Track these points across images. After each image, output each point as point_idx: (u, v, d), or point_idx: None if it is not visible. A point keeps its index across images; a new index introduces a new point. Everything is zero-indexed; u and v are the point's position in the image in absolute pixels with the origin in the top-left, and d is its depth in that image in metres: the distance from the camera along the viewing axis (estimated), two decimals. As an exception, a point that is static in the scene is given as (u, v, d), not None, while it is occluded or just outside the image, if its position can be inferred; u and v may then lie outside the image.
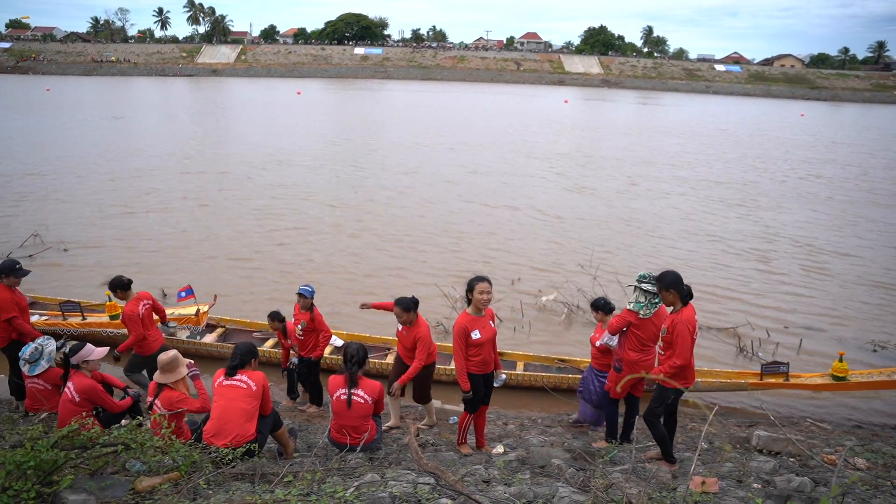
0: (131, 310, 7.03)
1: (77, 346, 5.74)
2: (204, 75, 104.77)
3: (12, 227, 15.57)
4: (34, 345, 6.26)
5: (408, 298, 6.28)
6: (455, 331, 5.50)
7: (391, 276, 12.83)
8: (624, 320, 5.93)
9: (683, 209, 19.49)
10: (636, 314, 5.86)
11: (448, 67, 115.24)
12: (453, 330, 5.53)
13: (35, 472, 3.15)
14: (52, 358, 6.36)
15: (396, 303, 6.26)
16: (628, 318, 5.90)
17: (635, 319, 5.87)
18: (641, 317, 5.85)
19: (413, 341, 6.23)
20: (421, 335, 6.20)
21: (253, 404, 4.90)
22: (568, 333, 10.59)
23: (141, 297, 7.22)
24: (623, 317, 5.95)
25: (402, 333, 6.38)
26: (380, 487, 3.81)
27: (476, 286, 5.47)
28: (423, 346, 6.15)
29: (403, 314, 6.22)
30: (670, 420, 5.89)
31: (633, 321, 5.88)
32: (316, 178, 22.90)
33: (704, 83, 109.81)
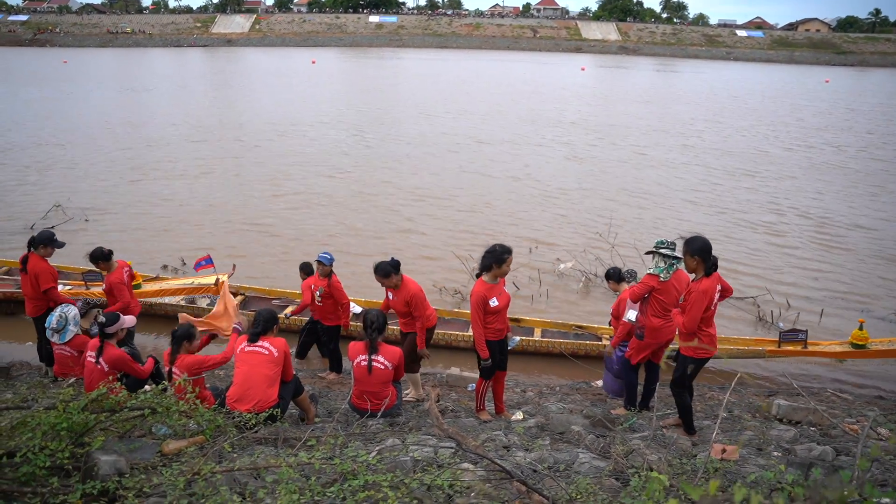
0: (118, 278, 7.28)
1: (112, 316, 5.79)
2: (219, 45, 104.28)
3: (35, 197, 15.73)
4: (58, 313, 6.35)
5: (385, 262, 6.21)
6: (474, 300, 5.49)
7: (403, 244, 12.85)
8: (646, 286, 5.88)
9: (698, 180, 19.24)
10: (657, 278, 5.81)
11: (464, 35, 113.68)
12: (471, 299, 5.52)
13: (68, 433, 3.22)
14: (78, 322, 6.46)
15: (374, 270, 6.23)
16: (650, 283, 5.85)
17: (657, 284, 5.82)
18: (662, 280, 5.80)
19: (405, 304, 6.20)
20: (412, 294, 6.16)
21: (275, 370, 4.97)
22: (586, 302, 10.57)
23: (122, 265, 7.46)
24: (644, 282, 5.91)
25: (394, 300, 6.35)
26: (401, 451, 3.86)
27: (507, 258, 5.48)
28: (418, 305, 6.11)
29: (384, 280, 6.20)
30: (688, 390, 5.89)
31: (654, 285, 5.83)
32: (331, 147, 22.86)
33: (725, 49, 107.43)
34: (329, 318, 7.55)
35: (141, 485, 3.07)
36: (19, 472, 2.94)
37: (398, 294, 6.27)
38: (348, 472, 3.24)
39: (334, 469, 3.28)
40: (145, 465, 3.42)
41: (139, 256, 11.55)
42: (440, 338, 8.60)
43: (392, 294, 6.34)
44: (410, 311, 6.30)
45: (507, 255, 5.47)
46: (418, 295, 6.18)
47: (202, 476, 3.18)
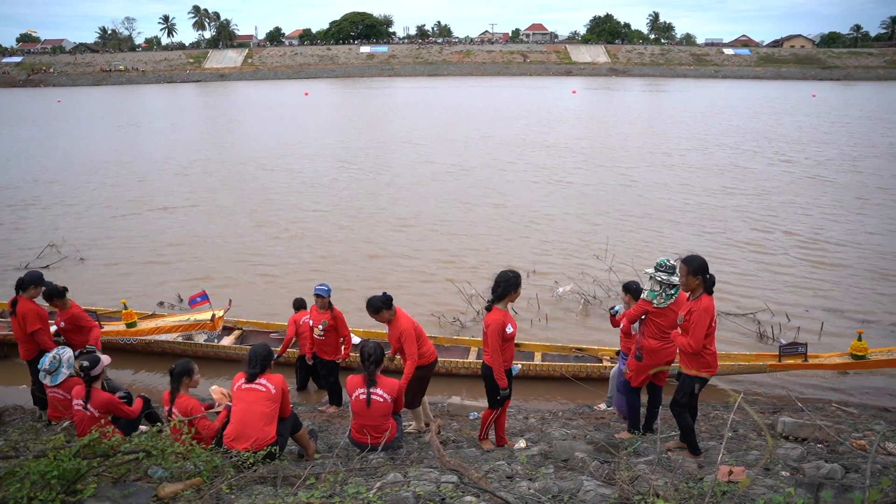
0: (77, 310, 7.36)
1: (94, 360, 5.64)
2: (211, 80, 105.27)
3: (29, 237, 15.71)
4: (51, 355, 6.24)
5: (375, 298, 6.07)
6: (494, 328, 5.36)
7: (401, 273, 12.81)
8: (640, 309, 5.85)
9: (688, 199, 19.30)
10: (650, 303, 5.76)
11: (454, 62, 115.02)
12: (491, 327, 5.39)
13: (59, 481, 3.14)
14: (72, 365, 6.34)
15: (366, 306, 6.12)
16: (644, 307, 5.82)
17: (650, 308, 5.78)
18: (655, 306, 5.74)
19: (397, 340, 6.10)
20: (402, 330, 6.04)
21: (273, 407, 4.88)
22: (585, 324, 10.51)
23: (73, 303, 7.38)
24: (639, 306, 5.88)
25: (389, 335, 6.26)
26: (403, 487, 3.77)
27: (520, 283, 5.47)
28: (408, 341, 5.98)
29: (375, 315, 6.09)
30: (691, 410, 5.82)
31: (648, 310, 5.80)
32: (327, 179, 22.93)
33: (713, 68, 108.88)
34: (328, 352, 7.46)
35: (135, 532, 2.98)
36: (8, 524, 2.86)
37: (392, 329, 6.17)
38: (348, 511, 3.16)
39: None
40: (140, 510, 3.33)
41: (135, 294, 11.50)
42: (440, 365, 8.52)
43: (389, 329, 6.25)
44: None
45: (520, 279, 5.46)
46: (408, 331, 6.02)
47: (198, 521, 3.10)
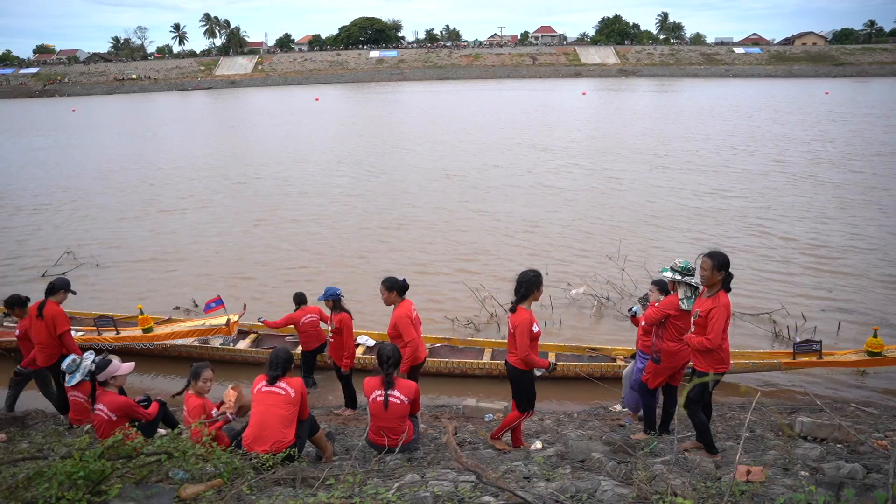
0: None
1: (103, 363, 5.64)
2: (222, 87, 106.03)
3: (47, 244, 15.90)
4: (73, 357, 6.34)
5: (393, 277, 6.41)
6: (524, 326, 5.44)
7: (413, 274, 12.84)
8: (661, 312, 5.86)
9: (700, 200, 19.22)
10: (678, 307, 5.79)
11: (464, 66, 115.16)
12: (519, 328, 5.46)
13: (85, 482, 3.19)
14: (86, 372, 6.44)
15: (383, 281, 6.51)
16: (665, 311, 5.84)
17: (675, 311, 5.80)
18: (684, 309, 5.77)
19: (394, 327, 6.34)
20: (398, 317, 6.30)
21: (291, 410, 4.92)
22: (599, 326, 10.50)
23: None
24: (660, 309, 5.88)
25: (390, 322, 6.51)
26: (421, 487, 3.80)
27: (541, 283, 5.57)
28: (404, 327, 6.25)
29: (386, 294, 6.43)
30: (705, 409, 5.82)
31: (672, 313, 5.81)
32: (341, 182, 23.02)
33: (724, 67, 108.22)
34: (337, 357, 7.40)
35: (159, 532, 3.03)
36: (37, 524, 2.92)
37: (392, 315, 6.40)
38: (368, 510, 3.19)
39: (354, 508, 3.24)
40: (163, 511, 3.38)
41: (150, 299, 11.60)
42: (455, 366, 8.58)
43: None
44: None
45: (541, 278, 5.58)
46: (402, 318, 6.26)
47: (221, 521, 3.14)
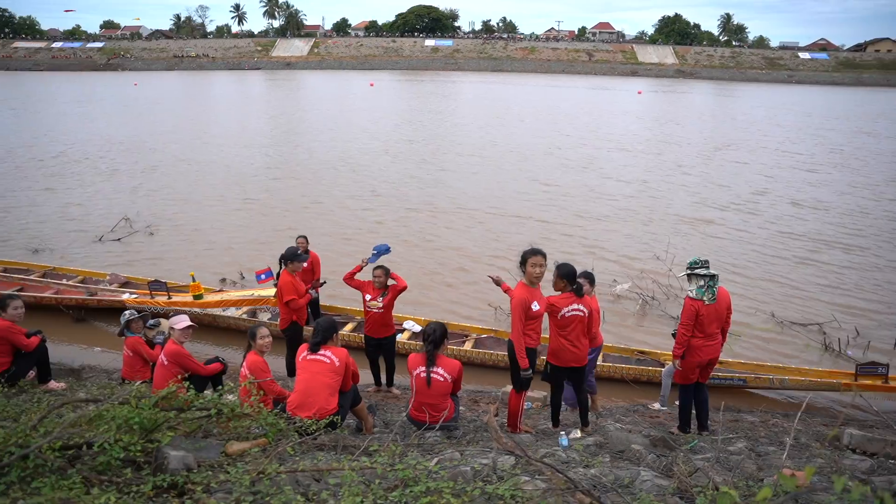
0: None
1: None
2: (278, 68, 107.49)
3: (108, 210, 16.44)
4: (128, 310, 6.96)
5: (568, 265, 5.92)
6: (515, 303, 5.38)
7: (456, 263, 12.87)
8: (692, 311, 5.81)
9: (754, 202, 18.73)
10: (701, 301, 5.78)
11: (518, 59, 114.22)
12: (512, 303, 5.42)
13: (140, 428, 3.32)
14: (123, 324, 7.00)
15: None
16: (695, 307, 5.80)
17: (702, 306, 5.77)
18: (707, 303, 5.76)
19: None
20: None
21: (336, 379, 5.02)
22: (642, 324, 10.37)
23: None
24: (689, 308, 5.83)
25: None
26: (461, 462, 3.83)
27: (529, 259, 5.40)
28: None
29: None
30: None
31: (699, 309, 5.78)
32: (393, 168, 23.18)
33: (787, 72, 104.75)
34: (384, 330, 7.36)
35: (208, 480, 3.13)
36: (97, 461, 3.04)
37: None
38: (410, 478, 3.24)
39: (396, 475, 3.28)
40: (211, 463, 3.48)
41: (199, 270, 11.88)
42: (499, 359, 8.57)
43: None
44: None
45: (530, 255, 5.41)
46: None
47: (267, 476, 3.22)
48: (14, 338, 6.55)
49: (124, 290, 10.62)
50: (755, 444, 5.89)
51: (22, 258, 12.38)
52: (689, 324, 5.84)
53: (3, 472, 2.82)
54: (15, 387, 6.23)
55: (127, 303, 9.75)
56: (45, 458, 2.91)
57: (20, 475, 2.82)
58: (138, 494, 2.87)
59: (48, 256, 12.86)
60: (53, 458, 2.95)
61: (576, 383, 5.98)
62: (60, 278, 11.20)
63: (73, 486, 2.74)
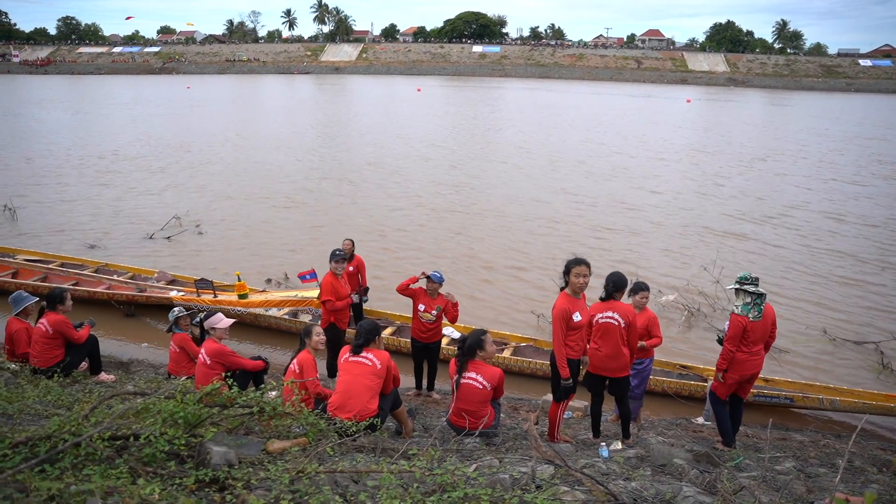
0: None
1: (211, 313, 6.38)
2: (326, 73, 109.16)
3: (160, 208, 16.93)
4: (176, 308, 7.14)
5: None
6: (556, 313, 5.32)
7: (503, 272, 12.83)
8: (738, 327, 5.76)
9: (804, 215, 18.16)
10: (746, 317, 5.74)
11: (566, 66, 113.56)
12: (553, 313, 5.36)
13: (184, 422, 3.39)
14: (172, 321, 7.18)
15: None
16: (741, 323, 5.75)
17: (747, 322, 5.73)
18: (752, 319, 5.72)
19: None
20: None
21: (377, 382, 5.04)
22: (687, 337, 10.15)
23: None
24: (736, 324, 5.79)
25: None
26: (499, 470, 3.80)
27: (573, 269, 5.32)
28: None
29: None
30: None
31: (746, 325, 5.74)
32: (437, 171, 23.27)
33: (845, 80, 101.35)
34: (432, 335, 7.46)
35: (248, 477, 3.17)
36: (143, 452, 3.11)
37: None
38: (448, 483, 3.22)
39: (434, 480, 3.27)
40: (251, 460, 3.53)
41: (245, 270, 12.10)
42: (537, 367, 8.50)
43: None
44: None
45: (574, 265, 5.33)
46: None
47: (306, 475, 3.25)
48: (67, 331, 6.80)
49: (172, 288, 10.90)
50: (805, 465, 5.69)
51: (77, 253, 12.83)
52: (734, 339, 5.79)
53: (57, 458, 2.91)
54: (69, 377, 6.45)
55: (174, 300, 9.99)
56: (95, 447, 3.00)
57: (72, 462, 2.91)
58: (181, 487, 2.93)
59: (101, 252, 13.29)
60: (103, 447, 3.03)
61: (615, 394, 5.91)
62: (112, 274, 11.55)
63: (120, 475, 2.81)
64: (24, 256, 12.19)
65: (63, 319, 6.82)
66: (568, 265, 5.41)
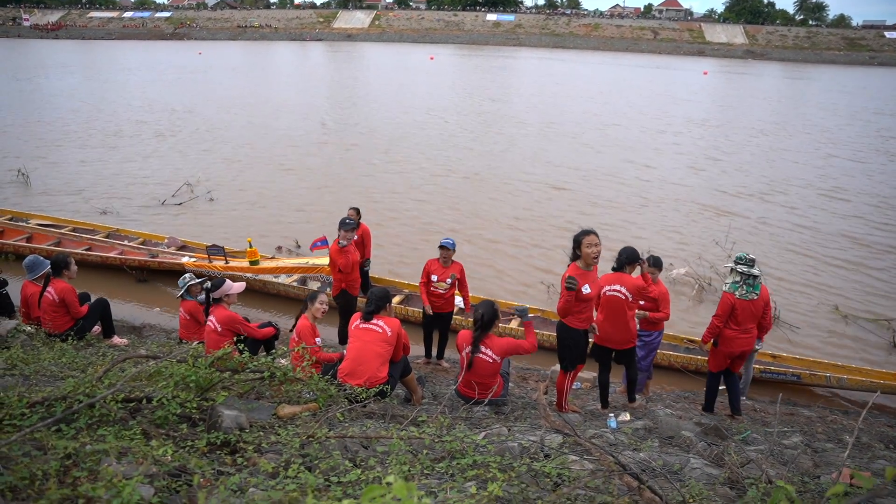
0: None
1: (218, 282, 6.33)
2: (339, 40, 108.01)
3: (171, 174, 16.95)
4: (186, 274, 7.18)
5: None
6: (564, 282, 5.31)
7: (513, 241, 12.80)
8: (727, 304, 5.97)
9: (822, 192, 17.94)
10: (733, 295, 5.93)
11: (581, 35, 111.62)
12: (562, 282, 5.34)
13: (196, 386, 3.42)
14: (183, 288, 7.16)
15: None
16: (729, 301, 5.95)
17: (734, 300, 5.92)
18: (738, 297, 5.90)
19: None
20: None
21: (387, 349, 5.06)
22: (697, 310, 10.12)
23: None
24: (724, 301, 6.00)
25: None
26: (508, 438, 3.83)
27: (583, 239, 5.28)
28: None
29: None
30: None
31: (733, 302, 5.92)
32: (445, 139, 23.12)
33: (868, 54, 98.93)
34: (445, 305, 7.45)
35: (259, 441, 3.21)
36: (155, 415, 3.16)
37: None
38: (457, 450, 3.25)
39: (443, 446, 3.30)
40: (262, 424, 3.57)
41: (256, 237, 12.14)
42: (543, 339, 8.50)
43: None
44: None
45: (584, 235, 5.30)
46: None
47: (316, 439, 3.28)
48: (70, 302, 6.83)
49: (184, 254, 10.96)
50: (812, 440, 5.71)
51: (89, 219, 12.89)
52: (722, 315, 6.01)
53: (73, 418, 2.96)
54: (83, 340, 6.53)
55: (186, 266, 10.05)
56: (109, 409, 3.04)
57: (87, 422, 2.96)
58: (193, 449, 2.97)
59: (114, 218, 13.35)
60: (116, 409, 3.07)
61: (622, 363, 6.08)
62: (123, 239, 11.62)
63: (133, 436, 2.85)
64: (38, 221, 12.28)
65: (69, 288, 6.83)
66: (577, 238, 5.38)
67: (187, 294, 7.19)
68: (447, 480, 2.98)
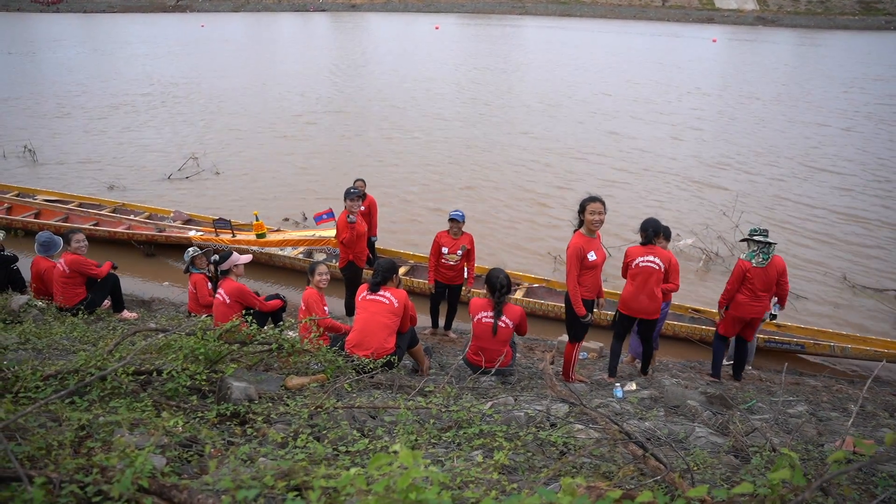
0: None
1: (225, 254, 6.39)
2: (342, 10, 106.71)
3: (177, 148, 16.93)
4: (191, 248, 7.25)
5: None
6: (570, 252, 5.37)
7: (520, 210, 12.77)
8: (740, 271, 6.19)
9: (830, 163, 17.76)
10: (749, 263, 6.13)
11: (588, 3, 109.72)
12: (567, 252, 5.41)
13: (205, 358, 3.46)
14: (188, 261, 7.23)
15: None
16: (742, 267, 6.17)
17: (749, 267, 6.11)
18: (755, 265, 6.09)
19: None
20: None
21: (394, 320, 5.10)
22: (704, 281, 10.11)
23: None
24: (738, 269, 6.22)
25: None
26: (514, 407, 3.87)
27: (588, 206, 5.35)
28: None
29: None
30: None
31: (747, 269, 6.13)
32: (462, 113, 22.96)
33: (885, 18, 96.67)
34: (455, 277, 7.46)
35: (268, 411, 3.25)
36: (166, 387, 3.20)
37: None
38: (464, 420, 3.29)
39: (450, 416, 3.34)
40: (271, 395, 3.62)
41: (262, 209, 12.15)
42: (549, 309, 8.53)
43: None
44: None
45: (588, 202, 5.35)
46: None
47: (324, 410, 3.33)
48: (84, 269, 6.89)
49: (191, 227, 10.99)
50: (816, 409, 5.74)
51: (97, 194, 12.92)
52: (735, 281, 6.25)
53: (85, 391, 3.01)
54: (93, 315, 6.60)
55: (194, 240, 10.10)
56: (120, 381, 3.08)
57: (99, 395, 3.01)
58: (203, 420, 3.01)
59: (120, 193, 13.36)
60: (127, 381, 3.11)
61: (644, 335, 6.16)
62: (129, 214, 11.65)
63: (145, 408, 2.89)
64: (45, 197, 12.31)
65: (79, 258, 6.90)
66: (582, 204, 5.43)
67: (193, 267, 7.23)
68: (454, 449, 3.02)
